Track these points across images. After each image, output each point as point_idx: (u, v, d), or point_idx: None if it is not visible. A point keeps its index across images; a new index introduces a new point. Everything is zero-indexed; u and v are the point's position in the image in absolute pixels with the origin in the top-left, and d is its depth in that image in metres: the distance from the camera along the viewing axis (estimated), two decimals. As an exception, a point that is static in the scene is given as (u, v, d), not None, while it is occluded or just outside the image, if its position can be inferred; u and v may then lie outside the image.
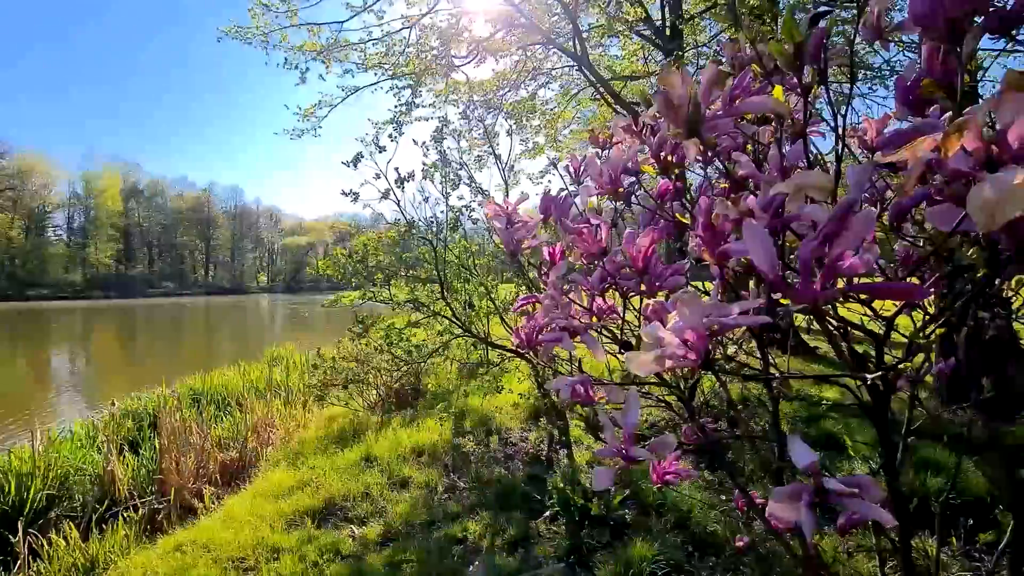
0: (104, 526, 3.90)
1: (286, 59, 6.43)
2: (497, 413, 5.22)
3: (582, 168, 1.33)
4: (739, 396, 4.62)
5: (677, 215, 1.02)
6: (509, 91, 9.72)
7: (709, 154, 0.79)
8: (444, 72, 8.34)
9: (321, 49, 6.65)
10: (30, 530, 3.64)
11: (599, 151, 1.43)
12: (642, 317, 0.84)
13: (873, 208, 0.57)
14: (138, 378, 12.36)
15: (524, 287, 4.87)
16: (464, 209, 4.76)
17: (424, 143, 4.93)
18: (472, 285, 4.89)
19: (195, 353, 17.40)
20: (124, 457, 4.93)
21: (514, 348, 4.73)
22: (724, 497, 3.42)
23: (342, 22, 6.67)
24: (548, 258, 1.27)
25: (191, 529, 3.52)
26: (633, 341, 1.01)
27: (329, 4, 6.36)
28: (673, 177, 0.80)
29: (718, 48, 8.85)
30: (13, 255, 61.48)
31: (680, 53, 7.67)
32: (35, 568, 3.39)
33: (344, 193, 4.05)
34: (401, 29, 7.30)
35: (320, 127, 7.57)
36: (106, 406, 7.34)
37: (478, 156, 7.32)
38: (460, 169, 4.67)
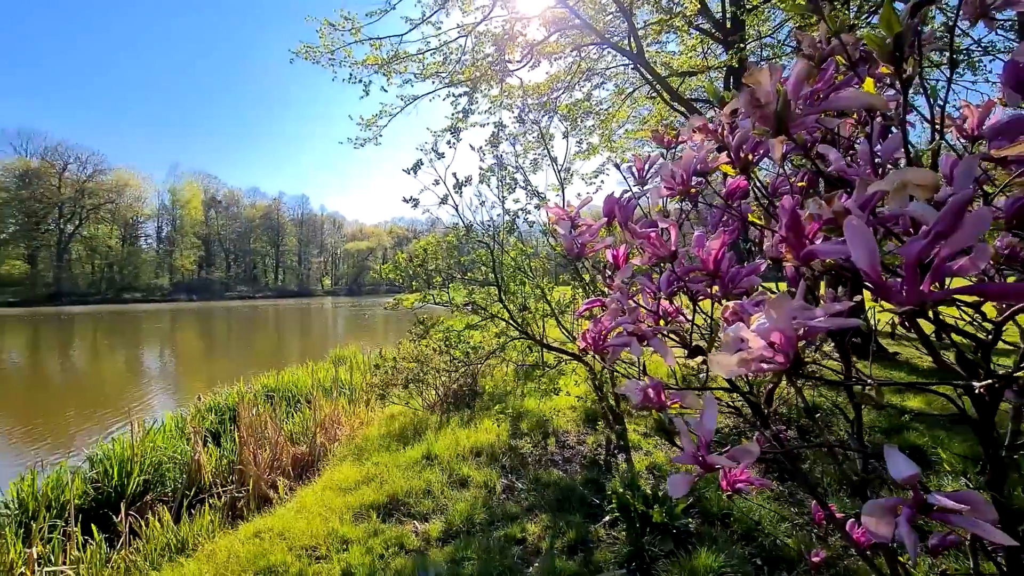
0: (192, 511, 4.24)
1: (351, 74, 6.75)
2: (554, 415, 5.20)
3: (646, 169, 1.31)
4: (809, 403, 4.34)
5: (750, 215, 0.99)
6: (563, 93, 9.70)
7: (787, 150, 0.76)
8: (499, 77, 8.44)
9: (382, 62, 6.91)
10: (130, 511, 4.02)
11: (663, 151, 1.40)
12: (720, 319, 0.82)
13: (989, 207, 0.52)
14: (217, 374, 13.36)
15: (580, 290, 4.84)
16: (520, 212, 4.80)
17: (480, 148, 5.02)
18: (528, 287, 4.92)
19: (266, 352, 18.56)
20: (208, 448, 5.33)
21: (571, 351, 4.71)
22: (795, 510, 3.24)
23: (402, 35, 6.91)
24: (612, 261, 1.26)
25: (268, 517, 3.75)
26: (704, 345, 0.99)
27: (390, 18, 6.61)
28: (752, 176, 0.78)
29: (785, 39, 8.39)
30: (112, 262, 68.43)
31: (742, 45, 7.36)
32: (135, 546, 3.73)
33: (405, 200, 4.19)
34: (457, 38, 7.47)
35: (381, 136, 7.88)
36: (191, 400, 7.99)
37: (533, 159, 7.35)
38: (516, 172, 4.71)
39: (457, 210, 4.43)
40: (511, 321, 4.62)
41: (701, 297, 1.01)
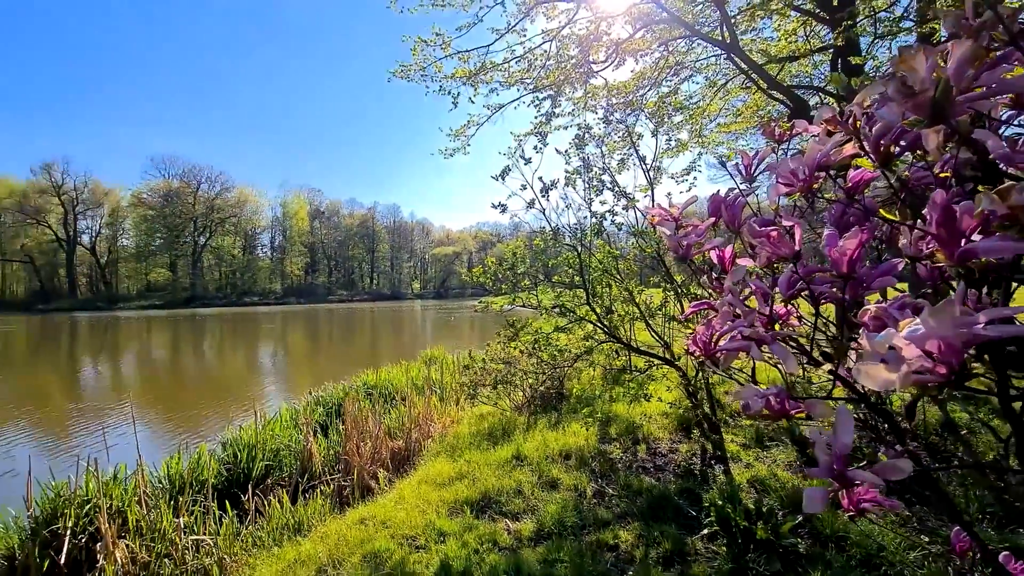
0: (306, 495, 4.65)
1: (440, 87, 7.07)
2: (644, 421, 5.06)
3: (754, 165, 1.25)
4: (939, 420, 3.85)
5: (882, 210, 0.91)
6: (649, 89, 9.41)
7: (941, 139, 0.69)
8: (583, 79, 8.39)
9: (470, 74, 7.16)
10: (256, 492, 4.49)
11: (775, 145, 1.33)
12: (862, 325, 0.76)
13: None
14: (322, 369, 14.55)
15: (671, 292, 4.67)
16: (607, 214, 4.73)
17: (566, 151, 5.03)
18: (615, 290, 4.84)
19: (363, 350, 19.90)
20: (317, 438, 5.81)
21: (661, 355, 4.56)
22: (927, 538, 2.88)
23: (488, 46, 7.11)
24: (717, 262, 1.22)
25: (370, 506, 4.02)
26: (831, 351, 0.92)
27: (477, 31, 6.84)
28: (893, 170, 0.71)
29: (903, 14, 7.51)
30: (235, 269, 77.36)
31: (851, 23, 6.69)
32: (259, 523, 4.17)
33: (494, 205, 4.30)
34: (542, 43, 7.54)
35: (469, 145, 8.16)
36: (300, 392, 8.76)
37: (620, 159, 7.20)
38: (603, 174, 4.66)
39: (544, 214, 4.47)
40: (599, 324, 4.57)
41: (824, 300, 0.95)
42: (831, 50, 7.83)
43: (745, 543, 2.86)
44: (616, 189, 4.68)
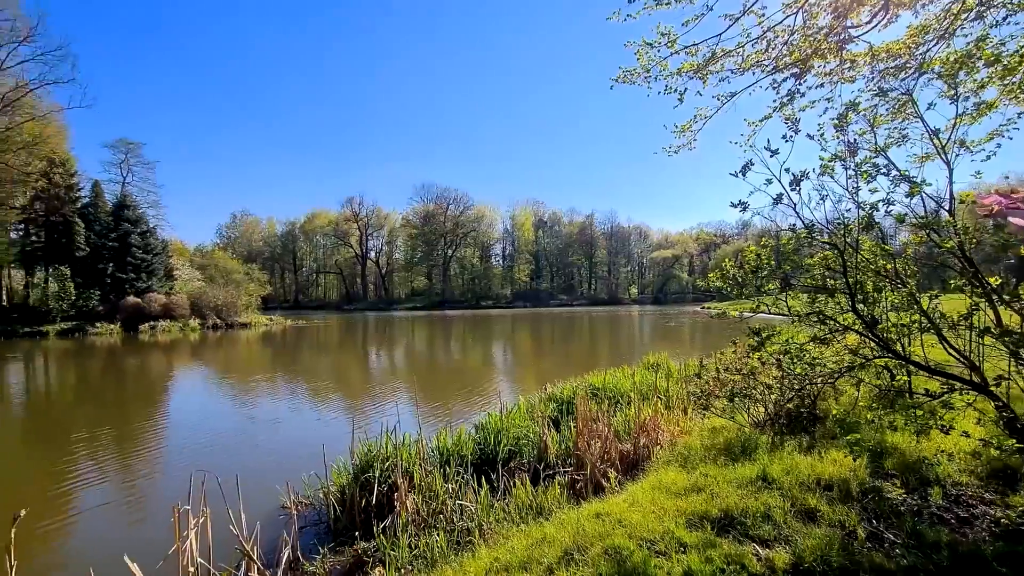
0: (544, 482, 5.08)
1: (666, 86, 6.88)
2: (942, 459, 4.05)
3: None
4: None
5: None
6: (936, 44, 7.45)
7: None
8: (836, 49, 7.14)
9: (698, 67, 6.78)
10: (503, 471, 5.10)
11: None
12: None
13: None
14: (545, 367, 15.60)
15: (983, 299, 3.63)
16: (880, 204, 3.95)
17: (820, 133, 4.39)
18: (896, 295, 4.00)
19: (583, 352, 20.65)
20: (551, 431, 6.28)
21: (968, 378, 3.59)
22: None
23: (719, 34, 6.62)
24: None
25: (604, 503, 4.16)
26: None
27: (705, 21, 6.46)
28: None
29: None
30: (474, 276, 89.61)
31: None
32: (507, 500, 4.71)
33: (733, 204, 4.01)
34: (783, 19, 6.69)
35: (695, 140, 7.73)
36: (529, 386, 9.53)
37: (902, 135, 5.87)
38: (875, 156, 3.90)
39: (795, 209, 3.97)
40: (868, 335, 3.83)
41: None
42: None
43: None
44: (894, 173, 3.87)
